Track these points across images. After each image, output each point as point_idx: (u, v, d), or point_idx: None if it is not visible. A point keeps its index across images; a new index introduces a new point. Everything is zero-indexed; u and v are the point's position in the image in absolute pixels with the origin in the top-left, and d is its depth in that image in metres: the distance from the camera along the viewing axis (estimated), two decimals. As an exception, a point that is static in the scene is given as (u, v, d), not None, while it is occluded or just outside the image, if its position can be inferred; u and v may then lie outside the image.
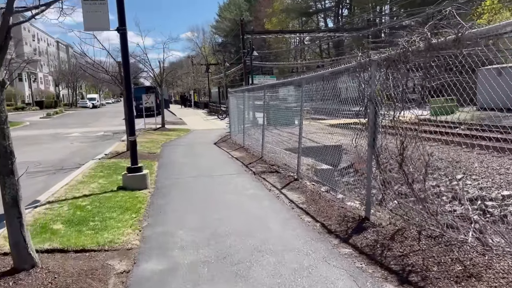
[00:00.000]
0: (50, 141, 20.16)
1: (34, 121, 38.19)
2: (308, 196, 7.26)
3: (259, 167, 10.67)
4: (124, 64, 8.12)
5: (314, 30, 43.69)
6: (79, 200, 7.17)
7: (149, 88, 35.89)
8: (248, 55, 28.42)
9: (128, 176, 8.15)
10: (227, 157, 12.70)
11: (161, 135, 20.62)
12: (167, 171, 10.28)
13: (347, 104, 8.90)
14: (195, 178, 9.18)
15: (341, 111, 9.37)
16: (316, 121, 17.30)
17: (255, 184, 8.43)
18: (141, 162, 11.33)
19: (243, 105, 15.78)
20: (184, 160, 12.12)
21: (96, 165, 11.14)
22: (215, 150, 14.79)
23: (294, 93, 12.97)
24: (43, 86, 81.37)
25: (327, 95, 10.72)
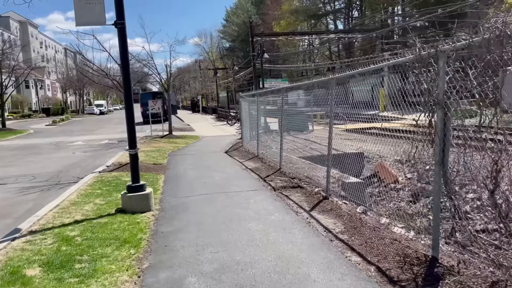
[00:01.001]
0: (51, 150, 19.05)
1: (39, 128, 37.28)
2: (346, 222, 5.93)
3: (278, 181, 9.37)
4: (123, 64, 6.89)
5: (326, 31, 42.35)
6: (68, 228, 5.91)
7: (156, 93, 34.81)
8: (258, 57, 27.19)
9: (128, 196, 6.89)
10: (240, 169, 11.41)
11: (168, 143, 19.42)
12: (174, 187, 9.01)
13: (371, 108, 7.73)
14: (207, 197, 7.89)
15: (361, 114, 8.36)
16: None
17: (278, 204, 7.12)
18: (145, 176, 10.14)
19: (256, 110, 14.51)
20: (193, 173, 10.85)
21: (95, 180, 9.91)
22: (227, 160, 13.50)
23: (312, 97, 11.66)
24: (50, 93, 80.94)
25: (356, 96, 9.62)
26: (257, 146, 13.96)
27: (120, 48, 6.83)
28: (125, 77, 6.88)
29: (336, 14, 61.06)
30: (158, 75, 21.32)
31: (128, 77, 6.88)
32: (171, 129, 22.70)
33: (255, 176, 10.08)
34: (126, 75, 6.86)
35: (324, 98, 9.69)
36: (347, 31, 37.44)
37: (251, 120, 17.18)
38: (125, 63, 6.85)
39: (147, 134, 24.04)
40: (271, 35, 35.16)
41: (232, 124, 30.13)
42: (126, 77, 6.87)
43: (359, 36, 37.22)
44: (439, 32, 39.17)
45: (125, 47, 6.83)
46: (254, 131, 18.07)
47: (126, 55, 6.87)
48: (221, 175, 10.28)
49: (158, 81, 21.90)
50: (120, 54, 6.88)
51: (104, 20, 6.80)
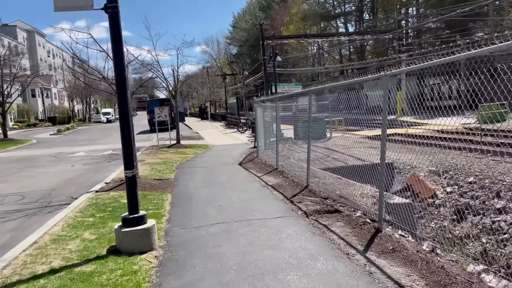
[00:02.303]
0: (49, 163, 17.56)
1: (42, 138, 35.99)
2: (424, 273, 4.22)
3: (308, 203, 7.70)
4: (115, 58, 5.30)
5: (339, 33, 40.66)
6: (37, 284, 4.29)
7: (163, 100, 33.39)
8: (271, 60, 25.61)
9: (124, 232, 5.26)
10: (260, 186, 9.75)
11: (176, 153, 17.84)
12: (184, 212, 7.37)
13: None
14: (224, 227, 6.24)
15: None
16: (348, 133, 14.42)
17: (319, 241, 5.44)
18: (148, 197, 8.52)
19: (275, 117, 12.87)
20: (205, 192, 9.21)
21: (89, 203, 8.31)
22: (242, 174, 11.85)
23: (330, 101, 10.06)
24: (57, 101, 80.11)
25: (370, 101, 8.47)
26: (276, 158, 12.31)
27: (112, 39, 5.25)
28: (118, 75, 5.30)
29: (346, 17, 59.45)
30: (164, 80, 19.82)
31: (122, 75, 5.29)
32: (179, 138, 21.15)
33: (280, 196, 8.42)
34: (119, 72, 5.27)
35: (346, 102, 8.22)
36: (361, 33, 35.75)
37: (268, 128, 15.56)
38: (119, 57, 5.26)
39: (153, 143, 22.53)
40: (282, 38, 33.58)
41: (243, 131, 28.52)
42: (120, 75, 5.28)
43: (374, 37, 35.53)
44: (456, 32, 37.43)
45: (118, 37, 5.24)
46: (272, 140, 16.44)
47: (120, 48, 5.28)
48: (238, 195, 8.62)
49: (165, 87, 20.38)
50: (112, 46, 5.30)
51: (90, 4, 5.22)
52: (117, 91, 5.29)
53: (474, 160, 13.95)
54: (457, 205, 11.99)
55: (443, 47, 26.65)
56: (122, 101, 5.32)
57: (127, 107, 5.37)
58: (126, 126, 5.35)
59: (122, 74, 5.27)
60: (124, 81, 5.27)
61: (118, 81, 5.30)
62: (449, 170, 13.72)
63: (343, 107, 9.09)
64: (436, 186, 13.22)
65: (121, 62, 5.30)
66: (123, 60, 5.33)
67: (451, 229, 10.79)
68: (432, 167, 14.19)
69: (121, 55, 5.28)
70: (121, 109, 5.35)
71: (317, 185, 9.33)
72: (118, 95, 5.28)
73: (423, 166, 14.29)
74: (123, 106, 5.33)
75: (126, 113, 5.37)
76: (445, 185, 13.15)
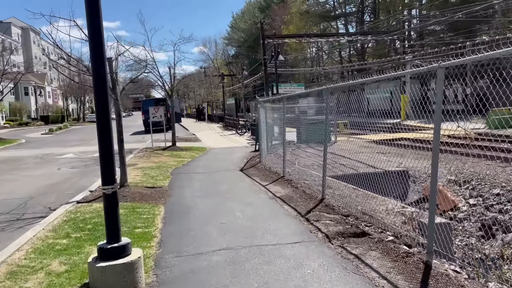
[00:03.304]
0: (34, 165, 16.23)
1: (33, 138, 34.57)
2: None
3: (328, 221, 6.45)
4: (92, 40, 4.02)
5: (341, 33, 39.50)
6: None
7: (159, 100, 32.10)
8: (272, 60, 24.38)
9: (101, 268, 3.98)
10: (267, 197, 8.49)
11: (171, 156, 16.55)
12: (179, 232, 6.10)
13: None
14: (230, 256, 4.97)
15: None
16: (354, 137, 13.30)
17: (355, 281, 4.17)
18: (137, 210, 7.20)
19: (282, 118, 11.63)
20: (204, 204, 7.94)
21: (66, 218, 7.01)
22: (245, 182, 10.59)
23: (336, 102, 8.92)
24: (51, 100, 78.49)
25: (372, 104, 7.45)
26: (282, 164, 11.05)
27: (87, 16, 3.97)
28: (96, 60, 4.02)
29: (347, 18, 58.34)
30: (160, 78, 18.52)
31: (101, 60, 4.02)
32: (174, 140, 19.85)
33: (292, 212, 7.16)
34: (97, 57, 3.99)
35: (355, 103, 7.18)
36: (364, 33, 34.59)
37: (272, 130, 14.35)
38: (97, 40, 3.99)
39: (147, 145, 21.23)
40: (283, 37, 32.36)
41: (242, 134, 27.26)
42: (98, 60, 4.00)
43: (377, 37, 34.39)
44: (461, 34, 36.37)
45: (96, 14, 3.97)
46: (273, 142, 15.21)
47: (98, 25, 4.00)
48: (243, 210, 7.35)
49: (160, 85, 19.10)
50: (87, 25, 4.02)
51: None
52: (94, 81, 4.01)
53: (497, 168, 12.81)
54: (483, 219, 10.78)
55: (450, 47, 25.59)
56: (99, 93, 4.05)
57: (106, 103, 4.10)
58: (105, 127, 4.08)
59: (100, 59, 3.99)
60: (103, 63, 4.00)
61: (96, 63, 4.03)
62: (470, 180, 12.55)
63: (352, 108, 7.98)
64: (457, 198, 12.02)
65: (98, 36, 4.01)
66: (101, 38, 4.05)
67: (479, 247, 9.59)
68: (450, 176, 13.02)
69: (99, 33, 4.01)
70: (99, 105, 4.07)
71: (333, 197, 8.11)
72: (95, 85, 4.01)
73: (441, 174, 13.12)
74: (100, 101, 4.06)
75: (105, 111, 4.10)
76: (467, 197, 11.96)
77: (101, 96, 4.04)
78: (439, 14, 36.68)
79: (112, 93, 8.83)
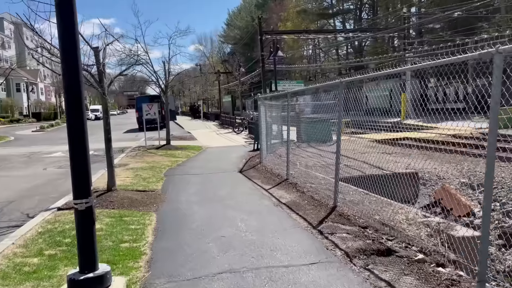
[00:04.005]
0: (20, 164, 15.26)
1: (23, 135, 33.48)
2: None
3: (345, 234, 5.59)
4: (61, 20, 3.10)
5: (340, 30, 38.65)
6: None
7: (153, 97, 31.07)
8: (271, 56, 23.49)
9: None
10: (271, 204, 7.61)
11: (166, 155, 15.63)
12: (172, 249, 5.20)
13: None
14: (234, 283, 4.08)
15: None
16: (355, 136, 12.52)
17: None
18: (125, 219, 6.20)
19: (286, 116, 10.76)
20: (201, 212, 7.05)
21: (42, 228, 6.10)
22: (246, 185, 9.70)
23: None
24: (44, 97, 77.12)
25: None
26: (286, 165, 10.17)
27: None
28: (64, 36, 3.11)
29: (345, 16, 57.50)
30: (154, 73, 17.57)
31: (72, 38, 3.10)
32: (169, 138, 18.91)
33: (301, 222, 6.29)
34: (66, 32, 3.08)
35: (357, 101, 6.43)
36: (364, 30, 33.77)
37: (276, 130, 13.50)
38: (68, 21, 3.07)
39: (141, 143, 20.30)
40: (281, 33, 31.47)
41: (239, 132, 26.37)
42: (67, 37, 3.09)
43: (376, 34, 33.58)
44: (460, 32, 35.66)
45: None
46: (276, 142, 14.36)
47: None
48: (246, 219, 6.46)
49: (154, 81, 18.14)
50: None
51: None
52: (62, 64, 3.10)
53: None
54: (503, 226, 9.97)
55: (449, 45, 24.85)
56: (70, 80, 3.14)
57: (79, 94, 3.19)
58: (78, 124, 3.18)
59: (71, 36, 3.08)
60: (73, 46, 3.08)
61: (64, 47, 3.12)
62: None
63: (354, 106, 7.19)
64: (472, 202, 11.21)
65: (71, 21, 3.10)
66: (73, 20, 3.13)
67: (500, 258, 8.78)
68: (463, 178, 12.22)
69: (70, 9, 3.09)
70: (70, 96, 3.17)
71: (345, 203, 7.25)
72: (64, 69, 3.10)
73: (452, 176, 12.32)
74: (71, 91, 3.15)
75: (78, 105, 3.19)
76: (482, 201, 11.15)
77: (71, 84, 3.13)
78: (438, 11, 35.96)
79: (99, 87, 7.90)
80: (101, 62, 7.79)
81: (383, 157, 12.71)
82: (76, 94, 3.17)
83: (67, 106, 3.20)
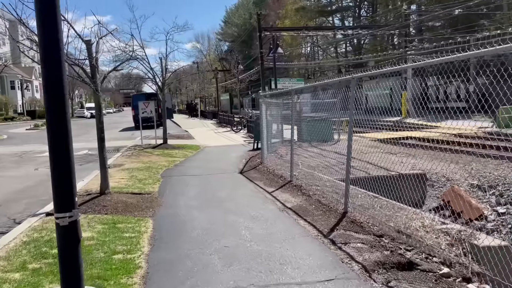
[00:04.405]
0: (11, 164, 14.70)
1: (16, 133, 32.83)
2: None
3: (359, 244, 5.10)
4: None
5: (340, 27, 38.13)
6: None
7: (150, 95, 30.47)
8: (271, 53, 22.97)
9: None
10: (276, 209, 7.11)
11: (162, 155, 15.11)
12: (170, 262, 4.69)
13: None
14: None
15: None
16: (356, 135, 12.04)
17: None
18: (118, 226, 5.64)
19: (290, 116, 10.27)
20: (201, 218, 6.54)
21: (28, 237, 5.57)
22: (248, 187, 9.19)
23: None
24: (39, 94, 76.24)
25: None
26: (290, 167, 9.67)
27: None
28: (44, 16, 2.58)
29: (344, 13, 57.01)
30: (151, 70, 17.02)
31: (53, 17, 2.57)
32: (166, 137, 18.37)
33: (311, 230, 5.79)
34: (45, 10, 2.55)
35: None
36: (365, 27, 33.29)
37: (276, 128, 13.02)
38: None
39: (137, 142, 19.74)
40: (281, 29, 30.95)
41: (238, 131, 25.85)
42: (48, 17, 2.56)
43: (377, 31, 33.12)
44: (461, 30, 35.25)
45: None
46: (273, 141, 13.89)
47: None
48: (250, 227, 5.96)
49: (151, 78, 17.59)
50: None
51: None
52: (40, 49, 2.58)
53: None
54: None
55: (449, 42, 24.45)
56: (50, 69, 2.62)
57: (61, 88, 2.66)
58: (60, 122, 2.66)
59: (51, 14, 2.55)
60: (54, 29, 2.56)
61: (43, 30, 2.60)
62: (496, 185, 11.30)
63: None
64: (482, 205, 10.75)
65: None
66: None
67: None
68: (472, 180, 11.77)
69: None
70: (49, 90, 2.65)
71: (355, 208, 6.77)
72: (42, 54, 2.58)
73: (460, 177, 11.86)
74: (51, 84, 2.63)
75: (60, 100, 2.67)
76: (493, 204, 10.70)
77: (51, 75, 2.61)
78: (439, 9, 35.54)
79: (91, 83, 7.37)
80: (93, 56, 7.25)
81: (387, 157, 12.26)
82: (57, 87, 2.65)
83: (47, 100, 2.67)
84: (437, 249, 5.21)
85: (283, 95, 11.22)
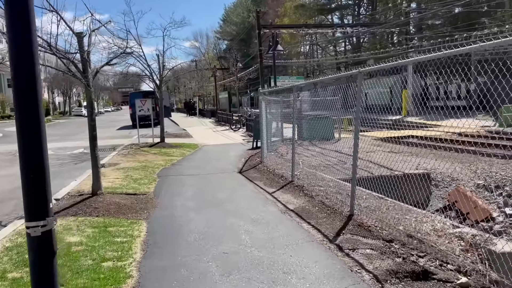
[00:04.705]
0: (4, 163, 14.28)
1: (13, 131, 32.25)
2: None
3: (368, 251, 4.73)
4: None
5: (340, 24, 37.77)
6: None
7: (148, 93, 30.04)
8: (270, 50, 22.58)
9: None
10: (278, 211, 6.72)
11: (159, 154, 14.72)
12: (164, 270, 4.31)
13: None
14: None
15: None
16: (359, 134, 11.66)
17: None
18: (109, 229, 5.20)
19: (292, 113, 9.90)
20: (198, 221, 6.16)
21: (10, 242, 5.18)
22: (248, 188, 8.81)
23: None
24: (36, 93, 75.56)
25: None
26: (291, 167, 9.28)
27: None
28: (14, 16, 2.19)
29: (343, 11, 56.58)
30: (148, 67, 16.60)
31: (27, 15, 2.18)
32: (163, 136, 17.97)
33: (315, 234, 5.41)
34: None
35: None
36: (365, 24, 32.92)
37: (277, 127, 12.66)
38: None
39: (134, 141, 19.34)
40: (280, 27, 30.57)
41: (237, 129, 25.47)
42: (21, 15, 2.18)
43: (377, 28, 32.77)
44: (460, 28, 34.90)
45: None
46: (272, 139, 13.53)
47: None
48: (250, 231, 5.57)
49: (148, 75, 17.17)
50: None
51: None
52: (8, 34, 2.20)
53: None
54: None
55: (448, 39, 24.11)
56: (19, 57, 2.23)
57: (33, 80, 2.27)
58: (31, 116, 2.27)
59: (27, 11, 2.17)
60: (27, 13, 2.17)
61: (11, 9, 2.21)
62: (503, 185, 10.95)
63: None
64: (490, 206, 10.39)
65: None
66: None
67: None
68: (478, 180, 11.41)
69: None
70: (17, 81, 2.26)
71: (361, 211, 6.39)
72: (10, 39, 2.20)
73: (465, 177, 11.51)
74: (21, 76, 2.25)
75: (32, 95, 2.28)
76: (501, 205, 10.34)
77: (21, 64, 2.23)
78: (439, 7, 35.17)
79: (82, 78, 6.97)
80: (85, 50, 6.85)
81: (390, 156, 11.91)
82: (29, 74, 2.27)
83: (16, 95, 2.29)
84: (451, 255, 4.85)
85: (284, 92, 10.84)
